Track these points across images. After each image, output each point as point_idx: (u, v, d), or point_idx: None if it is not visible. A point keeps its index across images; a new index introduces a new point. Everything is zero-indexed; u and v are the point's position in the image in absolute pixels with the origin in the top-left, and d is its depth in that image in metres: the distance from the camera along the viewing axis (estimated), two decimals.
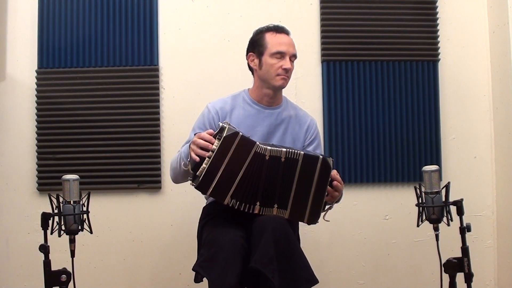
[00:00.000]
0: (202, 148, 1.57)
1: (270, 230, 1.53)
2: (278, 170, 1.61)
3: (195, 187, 1.58)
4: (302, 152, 1.61)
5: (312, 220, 1.64)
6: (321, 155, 1.63)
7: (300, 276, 1.53)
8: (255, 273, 1.49)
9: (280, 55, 1.82)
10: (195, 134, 1.64)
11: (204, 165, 1.55)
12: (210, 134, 1.59)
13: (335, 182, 1.66)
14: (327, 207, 1.68)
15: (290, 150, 1.62)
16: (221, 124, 1.59)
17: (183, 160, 1.71)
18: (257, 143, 1.58)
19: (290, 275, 1.51)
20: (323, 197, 1.63)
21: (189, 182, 1.62)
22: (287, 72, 1.83)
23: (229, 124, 1.58)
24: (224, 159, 1.55)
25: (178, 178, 1.83)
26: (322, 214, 1.67)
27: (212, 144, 1.56)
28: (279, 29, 1.87)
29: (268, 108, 1.91)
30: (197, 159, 1.57)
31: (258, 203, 1.61)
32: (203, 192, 1.62)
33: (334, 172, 1.67)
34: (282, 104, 1.95)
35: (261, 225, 1.56)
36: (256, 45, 1.87)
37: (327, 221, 1.67)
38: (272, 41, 1.83)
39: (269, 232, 1.52)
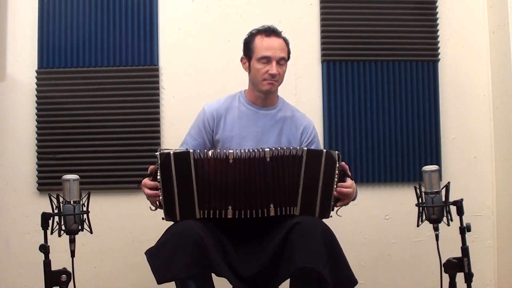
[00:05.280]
0: (152, 187, 1.61)
1: (320, 233, 1.54)
2: (265, 170, 1.59)
3: (166, 220, 1.62)
4: (305, 148, 1.61)
5: (323, 214, 1.64)
6: (325, 149, 1.62)
7: (344, 277, 1.57)
8: (300, 274, 1.49)
9: (266, 60, 1.79)
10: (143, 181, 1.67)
11: (160, 197, 1.59)
12: (152, 170, 1.61)
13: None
14: (339, 203, 1.68)
15: (282, 148, 1.61)
16: (156, 153, 1.59)
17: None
18: (191, 151, 1.58)
19: (336, 276, 1.53)
20: (332, 191, 1.62)
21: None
22: (273, 77, 1.79)
23: (161, 150, 1.59)
24: (173, 182, 1.57)
25: None
26: (336, 209, 1.67)
27: (157, 175, 1.58)
28: (268, 32, 1.82)
29: (262, 109, 1.90)
30: (152, 197, 1.63)
31: (230, 208, 1.59)
32: (173, 219, 1.62)
33: (344, 168, 1.66)
34: (278, 105, 1.93)
35: (307, 227, 1.55)
36: (246, 49, 1.86)
37: (339, 216, 1.68)
38: (260, 45, 1.80)
39: (319, 235, 1.53)
